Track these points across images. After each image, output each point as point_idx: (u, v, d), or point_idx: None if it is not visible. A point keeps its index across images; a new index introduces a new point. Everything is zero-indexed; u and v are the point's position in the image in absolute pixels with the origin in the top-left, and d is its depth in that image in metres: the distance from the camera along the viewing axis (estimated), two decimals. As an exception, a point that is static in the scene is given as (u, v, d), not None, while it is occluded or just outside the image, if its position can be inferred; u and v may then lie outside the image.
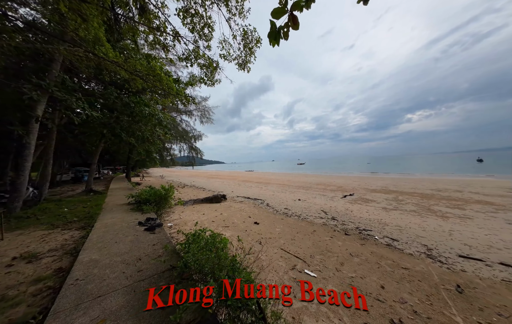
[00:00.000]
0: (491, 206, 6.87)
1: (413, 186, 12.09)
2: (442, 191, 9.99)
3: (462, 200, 7.87)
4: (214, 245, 1.69)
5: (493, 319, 2.01)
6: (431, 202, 7.84)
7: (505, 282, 2.65)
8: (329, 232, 4.50)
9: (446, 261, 3.27)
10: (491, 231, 4.57)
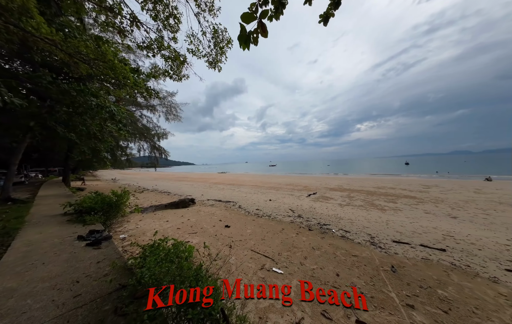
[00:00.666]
0: (414, 199, 8.46)
1: (361, 184, 13.89)
2: (381, 188, 11.79)
3: (395, 195, 9.45)
4: (176, 255, 1.51)
5: (416, 291, 2.43)
6: (374, 197, 9.14)
7: (424, 260, 3.26)
8: (295, 229, 4.72)
9: (384, 247, 3.82)
10: (414, 220, 5.61)
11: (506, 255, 3.40)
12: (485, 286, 2.53)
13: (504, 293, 2.39)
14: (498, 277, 2.76)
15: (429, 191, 10.38)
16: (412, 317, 2.00)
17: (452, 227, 4.90)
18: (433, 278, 2.70)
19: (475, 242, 3.95)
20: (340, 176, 25.47)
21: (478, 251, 3.59)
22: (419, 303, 2.22)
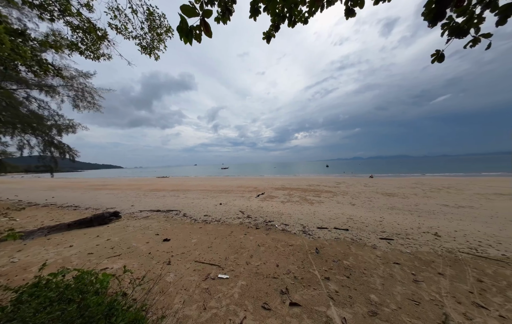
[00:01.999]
0: (331, 193, 10.56)
1: (298, 184, 15.98)
2: (311, 186, 14.01)
3: (320, 191, 11.46)
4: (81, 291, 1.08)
5: (331, 265, 2.97)
6: (306, 193, 10.71)
7: (336, 240, 4.07)
8: (243, 229, 4.75)
9: (312, 233, 4.49)
10: (330, 209, 6.96)
11: (380, 228, 4.80)
12: (369, 252, 3.44)
13: (379, 255, 3.33)
14: (376, 244, 3.82)
15: (340, 186, 13.30)
16: (328, 288, 2.42)
17: (352, 212, 6.44)
18: (341, 252, 3.40)
19: (364, 221, 5.35)
20: (283, 176, 28.33)
21: (365, 227, 4.87)
22: (333, 274, 2.72)
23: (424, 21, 2.07)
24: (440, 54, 2.26)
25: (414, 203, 7.70)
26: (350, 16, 2.48)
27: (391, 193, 10.23)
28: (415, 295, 2.22)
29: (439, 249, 3.49)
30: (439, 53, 2.26)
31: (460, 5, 1.89)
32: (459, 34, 2.06)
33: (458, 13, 1.99)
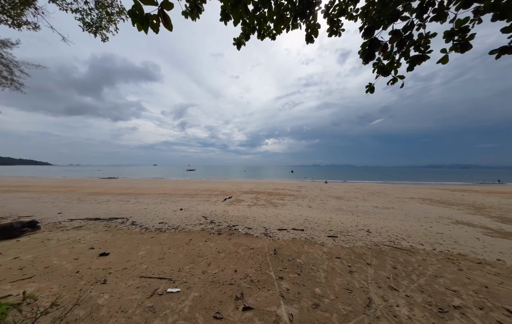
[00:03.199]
0: (293, 196, 11.32)
1: (265, 187, 16.46)
2: (277, 189, 14.68)
3: (284, 194, 12.12)
4: None
5: (286, 264, 3.12)
6: (272, 197, 11.12)
7: (292, 239, 4.33)
8: (204, 236, 4.46)
9: (272, 235, 4.64)
10: (291, 211, 7.43)
11: (328, 227, 5.40)
12: (318, 249, 3.80)
13: (325, 251, 3.71)
14: (324, 241, 4.26)
15: (301, 190, 14.46)
16: (281, 287, 2.50)
17: (309, 213, 7.06)
18: (295, 251, 3.63)
19: (317, 221, 5.93)
20: (253, 180, 28.67)
21: (317, 226, 5.39)
22: (286, 273, 2.85)
23: (360, 58, 2.52)
24: (371, 86, 2.79)
25: (355, 205, 9.10)
26: (309, 42, 2.76)
27: (339, 196, 11.80)
28: (349, 285, 2.56)
29: (369, 243, 4.19)
30: (371, 85, 2.78)
31: (384, 51, 2.39)
32: (384, 73, 2.60)
33: (384, 57, 2.53)
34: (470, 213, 7.56)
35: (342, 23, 2.61)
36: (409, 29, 2.18)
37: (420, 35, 2.18)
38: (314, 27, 2.57)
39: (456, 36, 2.06)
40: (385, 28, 2.25)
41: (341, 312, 2.04)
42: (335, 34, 2.70)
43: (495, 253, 3.76)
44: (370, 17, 2.25)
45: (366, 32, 2.34)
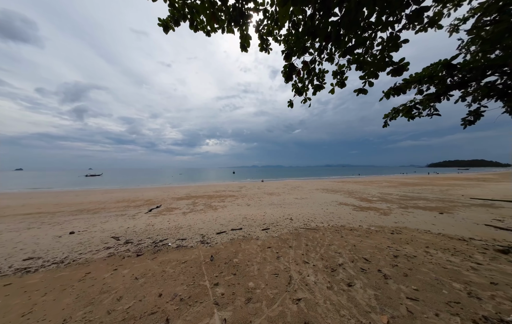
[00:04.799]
0: (233, 197, 11.51)
1: (205, 190, 15.47)
2: (218, 192, 14.27)
3: (225, 196, 12.02)
4: None
5: (223, 268, 3.04)
6: (212, 200, 10.63)
7: (230, 241, 4.33)
8: (113, 263, 3.38)
9: (210, 241, 4.40)
10: (231, 212, 7.47)
11: (263, 221, 5.96)
12: (254, 244, 4.08)
13: (259, 244, 4.04)
14: (259, 235, 4.64)
15: (241, 190, 15.05)
16: (215, 294, 2.40)
17: (247, 212, 7.46)
18: (233, 252, 3.66)
19: (254, 218, 6.39)
20: (191, 184, 25.93)
21: (254, 222, 5.81)
22: (222, 277, 2.78)
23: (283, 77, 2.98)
24: (291, 102, 3.38)
25: (282, 198, 10.82)
26: (243, 50, 2.87)
27: (272, 192, 13.54)
28: (276, 269, 2.94)
29: (291, 229, 5.10)
30: (291, 101, 3.36)
31: (299, 75, 2.98)
32: (299, 93, 3.24)
33: (299, 80, 3.14)
34: (346, 196, 11.37)
35: (270, 43, 2.99)
36: (313, 63, 2.89)
37: (320, 69, 2.96)
38: (247, 38, 2.74)
39: (338, 76, 3.02)
40: (299, 57, 2.84)
41: (269, 297, 2.29)
42: (265, 50, 3.03)
43: (358, 221, 5.89)
44: (289, 44, 2.74)
45: (286, 56, 2.82)
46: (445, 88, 3.37)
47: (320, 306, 2.10)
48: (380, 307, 2.06)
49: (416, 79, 3.44)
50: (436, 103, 3.60)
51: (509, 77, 3.11)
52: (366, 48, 2.53)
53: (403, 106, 3.87)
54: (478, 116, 3.40)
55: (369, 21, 2.28)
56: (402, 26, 2.33)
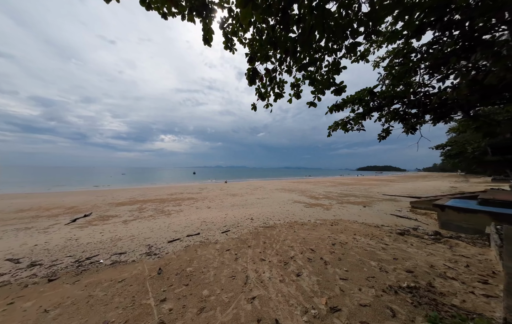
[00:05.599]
0: (193, 200, 10.66)
1: (157, 193, 13.56)
2: (174, 194, 12.81)
3: (182, 199, 10.93)
4: None
5: (172, 281, 2.72)
6: (165, 204, 9.43)
7: (185, 248, 3.96)
8: (9, 295, 2.40)
9: (159, 251, 3.87)
10: (189, 216, 6.88)
11: (224, 223, 5.81)
12: (212, 248, 3.89)
13: (218, 248, 3.89)
14: (218, 239, 4.48)
15: (202, 192, 14.16)
16: (161, 311, 2.11)
17: (207, 215, 7.06)
18: (187, 260, 3.35)
19: (214, 221, 6.13)
20: (138, 186, 22.03)
21: (214, 226, 5.57)
22: (171, 290, 2.49)
23: (246, 80, 3.01)
24: (255, 106, 3.45)
25: (245, 199, 10.97)
26: (206, 44, 2.70)
27: (235, 193, 13.48)
28: (233, 272, 2.91)
29: (251, 228, 5.22)
30: (254, 105, 3.43)
31: (261, 81, 3.09)
32: (262, 98, 3.37)
33: (261, 85, 3.26)
34: (299, 195, 12.79)
35: (235, 43, 2.96)
36: (274, 72, 3.08)
37: (280, 79, 3.18)
38: (209, 32, 2.60)
39: (295, 87, 3.35)
40: (262, 64, 2.96)
41: (224, 302, 2.23)
42: (230, 49, 2.97)
43: (307, 216, 6.72)
44: (253, 49, 2.81)
45: (249, 60, 2.87)
46: (369, 110, 4.39)
47: (273, 300, 2.23)
48: (321, 290, 2.41)
49: (350, 100, 4.31)
50: (363, 121, 4.63)
51: (407, 107, 4.40)
52: (317, 68, 2.94)
53: (341, 121, 4.76)
54: (388, 133, 4.63)
55: (319, 45, 2.66)
56: (342, 54, 2.85)
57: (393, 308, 2.04)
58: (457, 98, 3.55)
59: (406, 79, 3.92)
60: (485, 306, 2.06)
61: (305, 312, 2.03)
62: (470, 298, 2.20)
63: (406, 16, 3.11)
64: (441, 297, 2.23)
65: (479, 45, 3.38)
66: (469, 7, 3.07)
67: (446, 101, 3.78)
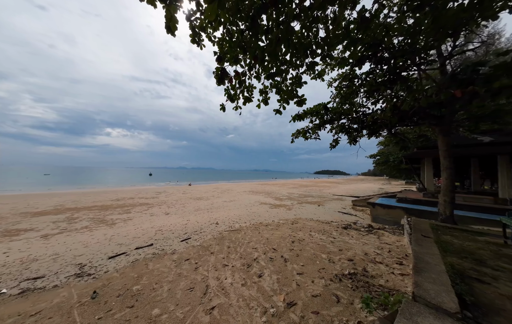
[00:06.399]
0: (147, 205, 9.31)
1: (97, 199, 11.12)
2: (120, 200, 10.81)
3: (132, 205, 9.36)
4: None
5: (112, 304, 2.26)
6: (108, 212, 7.83)
7: (132, 263, 3.39)
8: None
9: (96, 270, 3.16)
10: (139, 225, 5.95)
11: (184, 230, 5.33)
12: (167, 260, 3.47)
13: (175, 259, 3.52)
14: (176, 248, 4.05)
15: (159, 196, 12.57)
16: (93, 346, 1.70)
17: (164, 222, 6.30)
18: (133, 278, 2.86)
19: (173, 229, 5.53)
20: (68, 191, 17.35)
21: (172, 234, 5.02)
22: (110, 317, 2.06)
23: (215, 79, 2.91)
24: (223, 106, 3.35)
25: (211, 202, 10.48)
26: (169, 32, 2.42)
27: (199, 197, 12.66)
28: (192, 283, 2.69)
29: (216, 233, 5.01)
30: (223, 106, 3.33)
31: (231, 82, 3.04)
32: (231, 100, 3.31)
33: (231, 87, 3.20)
34: (265, 196, 13.33)
35: (203, 38, 2.80)
36: (244, 76, 3.10)
37: (249, 84, 3.23)
38: (173, 20, 2.37)
39: (263, 94, 3.47)
40: (231, 65, 2.92)
41: (178, 319, 2.02)
42: (197, 44, 2.79)
43: (272, 217, 7.05)
44: (222, 49, 2.74)
45: (218, 59, 2.79)
46: (323, 122, 5.07)
47: (233, 307, 2.19)
48: (280, 288, 2.55)
49: (309, 112, 4.86)
50: (319, 131, 5.31)
51: (351, 122, 5.30)
52: (283, 79, 3.16)
53: (302, 130, 5.31)
54: (337, 142, 5.47)
55: (285, 58, 2.87)
56: (304, 70, 3.18)
57: (338, 295, 2.38)
58: (384, 119, 4.63)
59: (350, 100, 4.80)
60: (401, 283, 2.69)
61: (264, 312, 2.10)
62: (391, 278, 2.82)
63: (351, 47, 3.81)
64: (372, 279, 2.77)
65: (399, 79, 4.50)
66: (394, 49, 4.05)
67: (377, 121, 4.85)
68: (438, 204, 4.79)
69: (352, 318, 1.98)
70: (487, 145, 7.51)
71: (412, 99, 3.72)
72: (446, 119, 4.52)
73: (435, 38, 3.29)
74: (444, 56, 4.87)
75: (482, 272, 2.08)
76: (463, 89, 2.83)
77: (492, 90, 2.60)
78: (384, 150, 23.77)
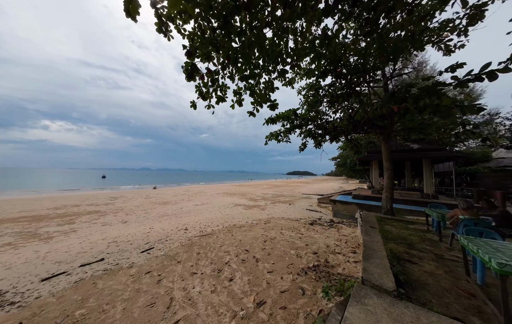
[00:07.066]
0: (97, 213, 7.90)
1: (29, 207, 8.78)
2: (60, 208, 8.84)
3: (77, 214, 7.78)
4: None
5: (43, 340, 1.82)
6: (42, 223, 6.28)
7: (75, 283, 2.81)
8: None
9: (22, 298, 2.49)
10: (86, 238, 4.99)
11: (146, 240, 4.75)
12: (123, 275, 3.03)
13: (133, 273, 3.10)
14: (135, 261, 3.57)
15: (114, 202, 10.86)
16: None
17: (120, 232, 5.47)
18: (76, 301, 2.37)
19: (131, 239, 4.86)
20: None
21: (130, 245, 4.40)
22: (39, 357, 1.65)
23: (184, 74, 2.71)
24: (194, 104, 3.15)
25: (180, 207, 9.72)
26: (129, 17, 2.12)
27: (166, 201, 11.57)
28: (153, 298, 2.42)
29: (184, 240, 4.67)
30: (194, 103, 3.14)
31: (202, 79, 2.89)
32: (203, 98, 3.14)
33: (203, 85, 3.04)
34: (240, 198, 13.29)
35: (171, 29, 2.58)
36: (217, 74, 3.00)
37: (223, 83, 3.15)
38: (133, 3, 2.10)
39: (237, 95, 3.45)
40: (203, 62, 2.79)
41: (135, 341, 1.78)
42: (164, 34, 2.54)
43: (246, 218, 7.07)
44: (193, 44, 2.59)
45: (187, 53, 2.62)
46: (293, 127, 5.43)
47: (201, 316, 2.08)
48: (250, 289, 2.57)
49: (281, 116, 5.13)
50: (289, 134, 5.66)
51: (316, 128, 5.83)
52: (256, 82, 3.22)
53: (275, 132, 5.55)
54: (305, 146, 5.94)
55: (258, 62, 2.94)
56: (275, 76, 3.33)
57: (303, 287, 2.57)
58: (342, 126, 5.34)
59: (316, 108, 5.33)
60: (354, 270, 3.10)
61: (234, 316, 2.07)
62: (347, 266, 3.23)
63: (316, 61, 4.23)
64: (332, 269, 3.11)
65: (354, 93, 5.23)
66: (350, 66, 4.69)
67: (337, 128, 5.54)
68: (382, 199, 5.78)
69: (315, 307, 2.17)
70: (416, 151, 9.55)
71: (363, 111, 4.39)
72: (387, 129, 5.52)
73: (380, 61, 3.99)
74: (387, 77, 5.96)
75: (412, 254, 2.62)
76: (399, 105, 3.52)
77: (419, 108, 3.33)
78: (343, 154, 27.52)
